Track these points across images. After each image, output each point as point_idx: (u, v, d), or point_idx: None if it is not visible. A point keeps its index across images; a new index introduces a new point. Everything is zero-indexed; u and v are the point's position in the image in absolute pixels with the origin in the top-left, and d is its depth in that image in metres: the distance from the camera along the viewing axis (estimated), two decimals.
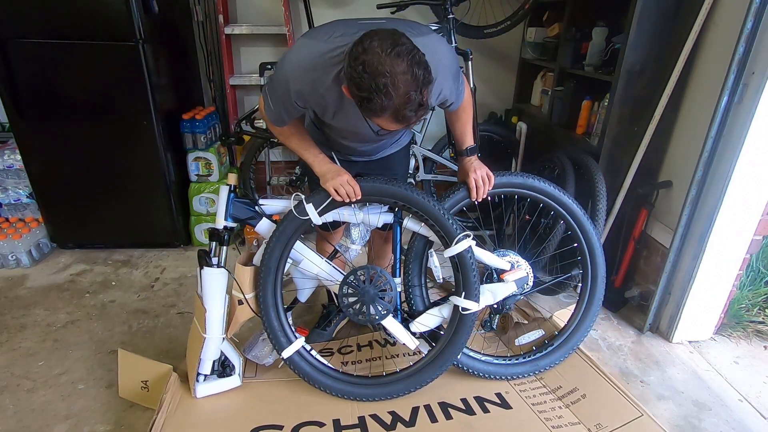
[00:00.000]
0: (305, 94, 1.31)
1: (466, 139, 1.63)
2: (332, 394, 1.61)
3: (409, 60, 1.09)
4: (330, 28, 1.28)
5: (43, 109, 2.35)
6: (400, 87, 1.08)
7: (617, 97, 2.02)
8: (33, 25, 2.19)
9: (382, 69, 1.07)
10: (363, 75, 1.08)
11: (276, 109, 1.40)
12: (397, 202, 1.56)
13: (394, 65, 1.07)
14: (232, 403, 1.59)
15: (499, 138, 2.93)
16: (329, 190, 1.49)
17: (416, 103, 1.12)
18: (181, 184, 2.66)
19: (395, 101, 1.10)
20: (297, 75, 1.28)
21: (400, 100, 1.10)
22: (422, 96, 1.13)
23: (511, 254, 1.72)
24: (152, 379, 1.62)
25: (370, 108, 1.13)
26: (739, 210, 1.84)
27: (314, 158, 1.52)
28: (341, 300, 1.57)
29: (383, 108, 1.11)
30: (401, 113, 1.13)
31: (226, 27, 2.80)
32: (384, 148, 1.65)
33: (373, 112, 1.14)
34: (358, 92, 1.12)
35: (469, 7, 2.78)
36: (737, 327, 2.13)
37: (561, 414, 1.57)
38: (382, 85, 1.07)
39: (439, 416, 1.56)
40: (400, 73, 1.08)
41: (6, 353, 1.91)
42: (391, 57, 1.07)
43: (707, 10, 1.79)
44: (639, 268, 2.28)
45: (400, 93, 1.09)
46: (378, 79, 1.07)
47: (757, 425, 1.67)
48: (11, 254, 2.49)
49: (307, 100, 1.33)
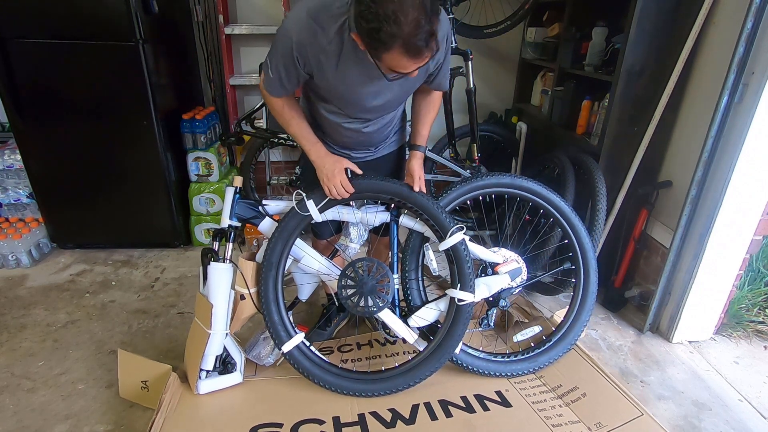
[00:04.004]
0: (306, 45, 1.29)
1: (425, 135, 1.65)
2: (331, 389, 1.61)
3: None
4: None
5: (43, 109, 2.35)
6: (409, 12, 1.08)
7: (617, 97, 2.02)
8: (33, 25, 2.19)
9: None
10: (371, 5, 1.09)
11: (275, 74, 1.38)
12: (393, 199, 1.61)
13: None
14: (231, 402, 1.60)
15: (499, 138, 2.94)
16: (324, 188, 1.54)
17: (426, 32, 1.11)
18: (181, 184, 2.66)
19: (404, 29, 1.09)
20: (300, 26, 1.27)
21: (410, 27, 1.09)
22: (432, 24, 1.12)
23: (504, 250, 1.76)
24: (152, 379, 1.62)
25: (380, 39, 1.11)
26: (739, 210, 1.84)
27: (311, 146, 1.53)
28: (340, 292, 1.60)
29: (393, 36, 1.09)
30: (412, 42, 1.11)
31: (226, 27, 2.80)
32: (379, 140, 1.65)
33: (383, 43, 1.12)
34: (366, 24, 1.11)
35: (469, 7, 2.78)
36: (737, 327, 2.13)
37: (561, 412, 1.57)
38: (391, 12, 1.07)
39: (439, 414, 1.56)
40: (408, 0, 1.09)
41: (6, 353, 1.91)
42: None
43: (707, 10, 1.79)
44: (639, 268, 2.28)
45: (409, 19, 1.08)
46: (386, 6, 1.07)
47: (757, 425, 1.67)
48: (11, 254, 2.49)
49: (308, 54, 1.31)
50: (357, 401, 1.60)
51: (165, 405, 1.50)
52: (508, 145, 2.95)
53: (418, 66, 1.20)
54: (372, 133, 1.59)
